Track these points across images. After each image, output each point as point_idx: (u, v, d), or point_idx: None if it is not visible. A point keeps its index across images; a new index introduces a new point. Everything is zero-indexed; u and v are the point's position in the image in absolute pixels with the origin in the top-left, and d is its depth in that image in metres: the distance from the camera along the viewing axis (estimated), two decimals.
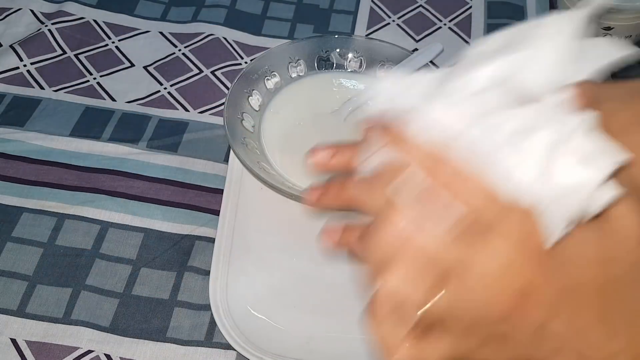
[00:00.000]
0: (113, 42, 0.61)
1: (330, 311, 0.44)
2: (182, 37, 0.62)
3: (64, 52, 0.60)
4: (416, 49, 0.61)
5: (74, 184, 0.51)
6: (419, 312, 0.24)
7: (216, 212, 0.48)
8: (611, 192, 0.23)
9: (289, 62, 0.54)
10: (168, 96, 0.57)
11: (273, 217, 0.48)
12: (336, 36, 0.56)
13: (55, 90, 0.57)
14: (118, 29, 0.63)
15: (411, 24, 0.65)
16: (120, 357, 0.42)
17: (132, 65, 0.60)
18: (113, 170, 0.52)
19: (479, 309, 0.23)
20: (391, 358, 0.24)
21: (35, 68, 0.59)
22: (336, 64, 0.56)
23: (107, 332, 0.43)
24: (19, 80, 0.58)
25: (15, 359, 0.42)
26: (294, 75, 0.55)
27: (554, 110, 0.24)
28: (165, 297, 0.45)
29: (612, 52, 0.26)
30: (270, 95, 0.54)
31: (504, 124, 0.24)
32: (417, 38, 0.64)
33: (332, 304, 0.44)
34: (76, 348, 0.43)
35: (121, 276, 0.46)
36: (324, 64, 0.56)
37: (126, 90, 0.58)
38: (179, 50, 0.61)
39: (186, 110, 0.56)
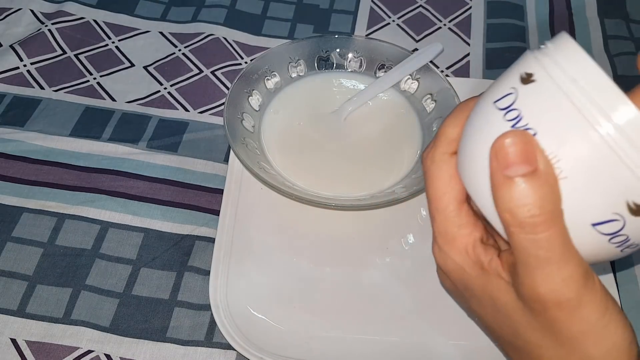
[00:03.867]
0: (113, 42, 0.61)
1: (330, 311, 0.44)
2: (182, 37, 0.62)
3: (64, 52, 0.60)
4: (416, 49, 0.61)
5: (74, 184, 0.51)
6: None
7: (216, 212, 0.48)
8: None
9: (289, 62, 0.54)
10: (168, 96, 0.57)
11: (273, 217, 0.48)
12: (336, 36, 0.56)
13: (55, 90, 0.57)
14: (118, 29, 0.63)
15: (411, 24, 0.65)
16: (120, 357, 0.42)
17: (132, 65, 0.60)
18: (113, 170, 0.52)
19: None
20: None
21: (35, 68, 0.59)
22: (336, 64, 0.56)
23: (107, 332, 0.43)
24: (19, 80, 0.58)
25: (15, 359, 0.42)
26: (294, 75, 0.55)
27: None
28: (165, 297, 0.45)
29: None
30: (270, 95, 0.54)
31: None
32: (417, 38, 0.64)
33: (332, 304, 0.44)
34: (76, 348, 0.43)
35: (121, 276, 0.46)
36: (324, 64, 0.55)
37: (126, 90, 0.58)
38: (179, 50, 0.61)
39: (186, 110, 0.56)
